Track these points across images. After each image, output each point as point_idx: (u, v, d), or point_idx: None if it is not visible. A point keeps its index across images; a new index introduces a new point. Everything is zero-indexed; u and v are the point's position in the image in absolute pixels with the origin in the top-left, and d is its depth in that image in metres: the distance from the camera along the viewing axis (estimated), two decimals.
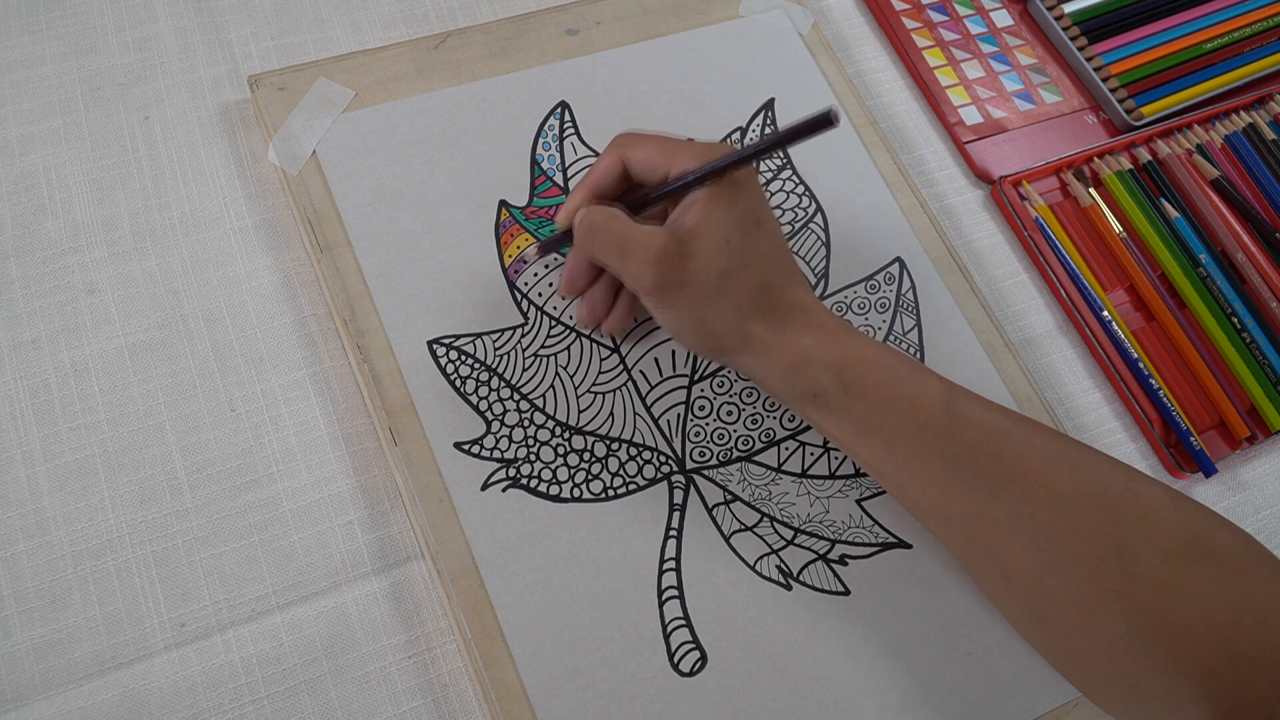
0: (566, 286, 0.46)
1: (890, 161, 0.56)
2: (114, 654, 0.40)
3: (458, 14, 0.57)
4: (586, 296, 0.46)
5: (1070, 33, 0.64)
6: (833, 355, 0.41)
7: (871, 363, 0.41)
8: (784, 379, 0.42)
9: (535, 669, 0.41)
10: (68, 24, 0.51)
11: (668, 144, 0.42)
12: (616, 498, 0.45)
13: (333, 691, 0.41)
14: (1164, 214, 0.59)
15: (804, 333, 0.42)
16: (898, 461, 0.41)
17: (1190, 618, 0.36)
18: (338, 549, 0.43)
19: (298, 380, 0.46)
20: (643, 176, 0.43)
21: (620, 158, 0.43)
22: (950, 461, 0.40)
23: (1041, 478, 0.39)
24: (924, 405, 0.40)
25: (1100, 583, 0.38)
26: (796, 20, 0.59)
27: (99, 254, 0.46)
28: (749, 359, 0.42)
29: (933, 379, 0.42)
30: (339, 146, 0.49)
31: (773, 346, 0.42)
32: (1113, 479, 0.40)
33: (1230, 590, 0.37)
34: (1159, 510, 0.38)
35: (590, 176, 0.44)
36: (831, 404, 0.42)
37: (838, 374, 0.41)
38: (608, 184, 0.44)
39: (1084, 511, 0.38)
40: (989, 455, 0.40)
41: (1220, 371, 0.56)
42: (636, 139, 0.43)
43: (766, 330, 0.41)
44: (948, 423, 0.40)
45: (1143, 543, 0.38)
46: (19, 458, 0.42)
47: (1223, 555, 0.38)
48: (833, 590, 0.45)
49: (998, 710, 0.44)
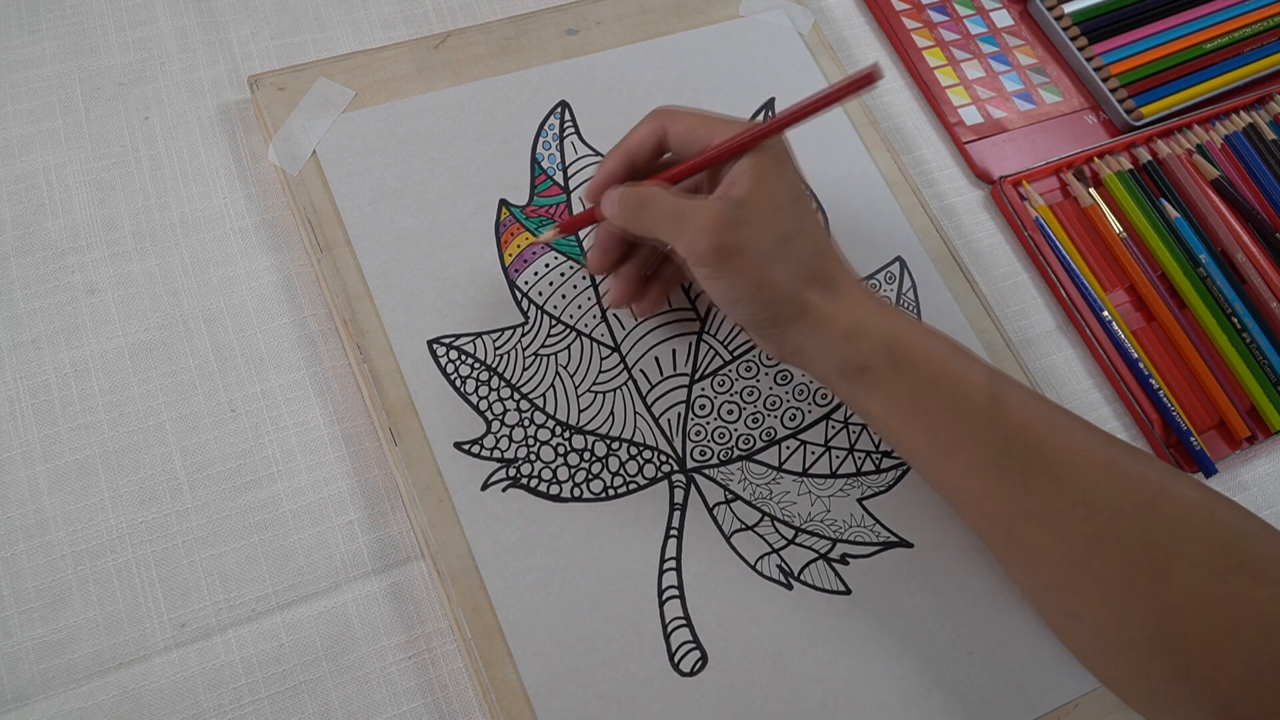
0: (596, 262, 0.45)
1: (890, 161, 0.56)
2: (114, 654, 0.40)
3: (458, 14, 0.57)
4: (619, 275, 0.46)
5: (1070, 33, 0.64)
6: (887, 329, 0.41)
7: (921, 339, 0.41)
8: (836, 350, 0.41)
9: (535, 669, 0.41)
10: (68, 24, 0.51)
11: (709, 117, 0.42)
12: (617, 497, 0.45)
13: (333, 692, 0.41)
14: (1164, 214, 0.59)
15: (858, 303, 0.41)
16: (938, 444, 0.41)
17: (1217, 626, 0.36)
18: (338, 549, 0.43)
19: (298, 380, 0.46)
20: (680, 148, 0.43)
21: (660, 126, 0.43)
22: (989, 448, 0.40)
23: (1076, 473, 0.39)
24: (968, 389, 0.40)
25: (1130, 583, 0.38)
26: (796, 20, 0.59)
27: (99, 254, 0.46)
28: (801, 330, 0.42)
29: (979, 364, 0.41)
30: (339, 146, 0.49)
31: (829, 315, 0.41)
32: (1148, 479, 0.39)
33: (1259, 602, 0.36)
34: (1192, 513, 0.38)
35: (625, 144, 0.43)
36: (879, 379, 0.41)
37: (890, 347, 0.41)
38: (643, 153, 0.43)
39: (1117, 512, 0.38)
40: (1027, 446, 0.40)
41: (1220, 371, 0.56)
42: (676, 111, 0.43)
43: (823, 299, 0.41)
44: (990, 408, 0.40)
45: (1174, 547, 0.37)
46: (19, 458, 0.42)
47: (1255, 565, 0.37)
48: (833, 590, 0.45)
49: (998, 710, 0.44)
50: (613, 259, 0.45)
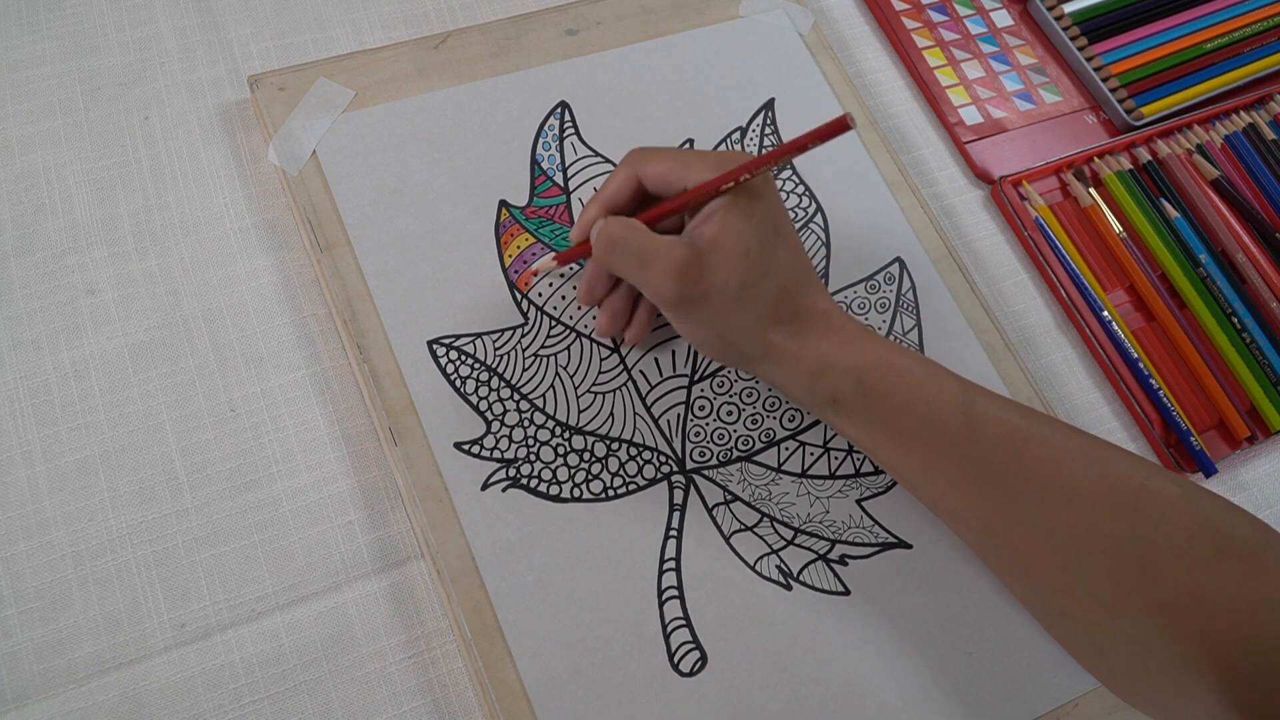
0: (585, 295, 0.46)
1: (890, 161, 0.56)
2: (114, 654, 0.40)
3: (458, 14, 0.57)
4: (606, 304, 0.46)
5: (1070, 33, 0.64)
6: (851, 361, 0.41)
7: (890, 367, 0.41)
8: (804, 386, 0.42)
9: (535, 669, 0.41)
10: (68, 24, 0.51)
11: (682, 156, 0.43)
12: (616, 498, 0.45)
13: (333, 692, 0.41)
14: (1164, 214, 0.59)
15: (823, 339, 0.42)
16: (916, 464, 0.42)
17: (1209, 614, 0.37)
18: (338, 549, 0.43)
19: (298, 380, 0.46)
20: (658, 189, 0.43)
21: (634, 174, 0.43)
22: (967, 464, 0.41)
23: (1058, 478, 0.39)
24: (941, 408, 0.41)
25: (1119, 581, 0.38)
26: (796, 20, 0.59)
27: (99, 254, 0.46)
28: (770, 367, 0.43)
29: (951, 381, 0.42)
30: (339, 146, 0.49)
31: (793, 354, 0.42)
32: (1129, 477, 0.40)
33: (1249, 586, 0.37)
34: (1176, 507, 0.39)
35: (603, 193, 0.44)
36: (851, 409, 0.42)
37: (857, 380, 0.41)
38: (621, 201, 0.44)
39: (1101, 512, 0.39)
40: (1005, 457, 0.40)
41: (1220, 371, 0.56)
42: (650, 154, 0.43)
43: (787, 339, 0.42)
44: (965, 425, 0.40)
45: (1160, 541, 0.38)
46: (19, 458, 0.42)
47: (1241, 550, 0.38)
48: (833, 590, 0.45)
49: (998, 710, 0.44)
50: (599, 293, 0.46)
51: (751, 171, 0.40)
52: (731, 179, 0.40)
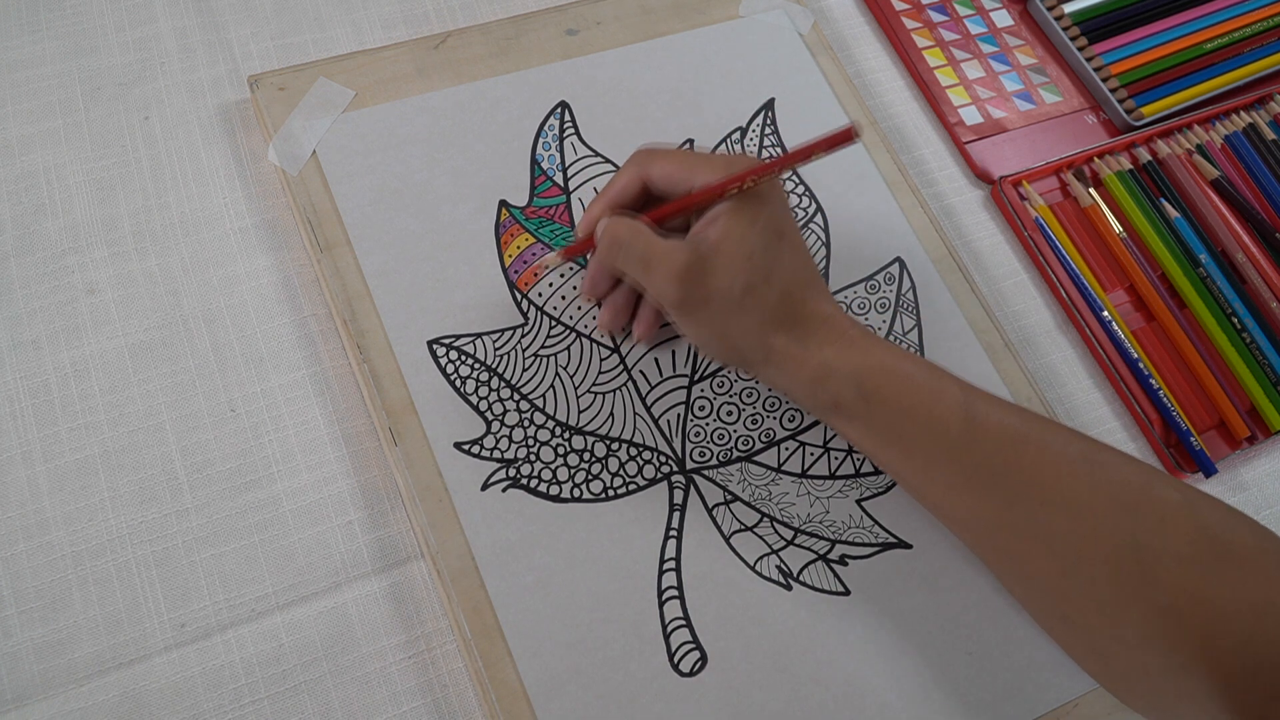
0: (588, 290, 0.47)
1: (890, 161, 0.56)
2: (114, 654, 0.40)
3: (458, 14, 0.57)
4: (608, 302, 0.47)
5: (1070, 33, 0.64)
6: (853, 366, 0.41)
7: (891, 372, 0.41)
8: (806, 390, 0.43)
9: (535, 669, 0.41)
10: (68, 24, 0.51)
11: (689, 158, 0.43)
12: (616, 498, 0.45)
13: (333, 692, 0.41)
14: (1164, 214, 0.59)
15: (825, 344, 0.42)
16: (917, 468, 0.42)
17: (1209, 618, 0.37)
18: (338, 549, 0.43)
19: (298, 380, 0.46)
20: (664, 189, 0.43)
21: (640, 174, 0.43)
22: (967, 469, 0.41)
23: (1058, 483, 0.39)
24: (941, 413, 0.41)
25: (1119, 586, 0.38)
26: (796, 20, 0.59)
27: (99, 254, 0.46)
28: (772, 370, 0.43)
29: (952, 385, 0.42)
30: (339, 146, 0.49)
31: (795, 359, 0.42)
32: (1129, 482, 0.40)
33: (1249, 590, 0.37)
34: (1176, 512, 0.39)
35: (609, 192, 0.44)
36: (853, 414, 0.42)
37: (858, 385, 0.41)
38: (627, 199, 0.44)
39: (1101, 517, 0.39)
40: (1005, 462, 0.40)
41: (1220, 371, 0.56)
42: (657, 154, 0.43)
43: (789, 343, 0.42)
44: (965, 430, 0.40)
45: (1160, 546, 0.38)
46: (19, 458, 0.42)
47: (1241, 554, 0.38)
48: (833, 590, 0.45)
49: (998, 710, 0.44)
50: (602, 289, 0.46)
51: (756, 178, 0.40)
52: (736, 184, 0.40)
